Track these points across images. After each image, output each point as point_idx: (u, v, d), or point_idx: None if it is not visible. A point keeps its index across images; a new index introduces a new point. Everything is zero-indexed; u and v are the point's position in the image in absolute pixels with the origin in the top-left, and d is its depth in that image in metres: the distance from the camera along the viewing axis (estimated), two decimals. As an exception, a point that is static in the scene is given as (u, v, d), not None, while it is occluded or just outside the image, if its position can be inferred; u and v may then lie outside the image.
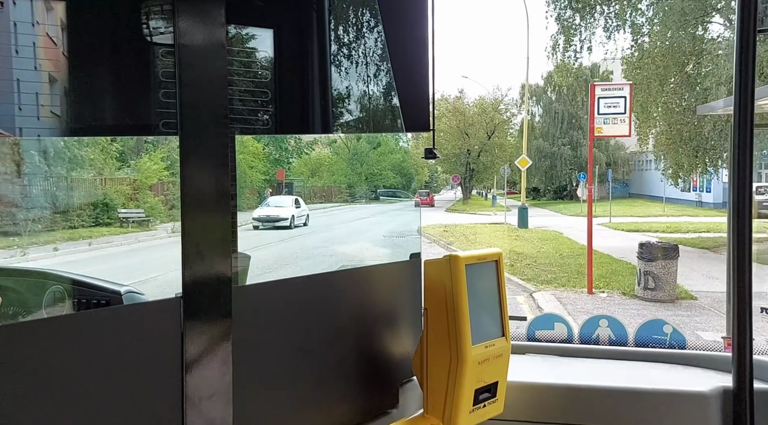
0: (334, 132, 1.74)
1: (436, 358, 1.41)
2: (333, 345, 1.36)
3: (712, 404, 1.66)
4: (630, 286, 10.37)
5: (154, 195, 9.95)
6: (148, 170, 9.49)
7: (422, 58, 1.56)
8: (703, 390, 1.68)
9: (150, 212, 9.49)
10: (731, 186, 1.61)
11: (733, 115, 1.59)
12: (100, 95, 1.38)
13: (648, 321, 1.98)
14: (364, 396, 1.45)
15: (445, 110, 36.90)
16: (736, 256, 1.61)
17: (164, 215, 9.82)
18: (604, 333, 2.00)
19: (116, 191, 9.27)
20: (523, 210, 20.59)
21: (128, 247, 8.53)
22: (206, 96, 1.06)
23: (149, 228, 9.30)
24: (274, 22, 1.53)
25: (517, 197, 36.24)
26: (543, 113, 38.27)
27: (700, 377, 1.82)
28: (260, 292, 1.23)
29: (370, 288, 1.47)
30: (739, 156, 1.59)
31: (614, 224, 21.15)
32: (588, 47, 17.78)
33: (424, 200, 33.52)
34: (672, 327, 1.94)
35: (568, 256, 14.01)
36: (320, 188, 24.97)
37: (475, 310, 1.40)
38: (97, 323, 0.96)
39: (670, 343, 1.96)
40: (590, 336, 2.03)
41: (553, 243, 16.31)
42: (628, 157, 36.51)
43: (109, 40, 1.35)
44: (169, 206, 10.05)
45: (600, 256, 13.14)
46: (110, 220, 8.63)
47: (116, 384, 0.96)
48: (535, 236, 18.00)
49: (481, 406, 1.44)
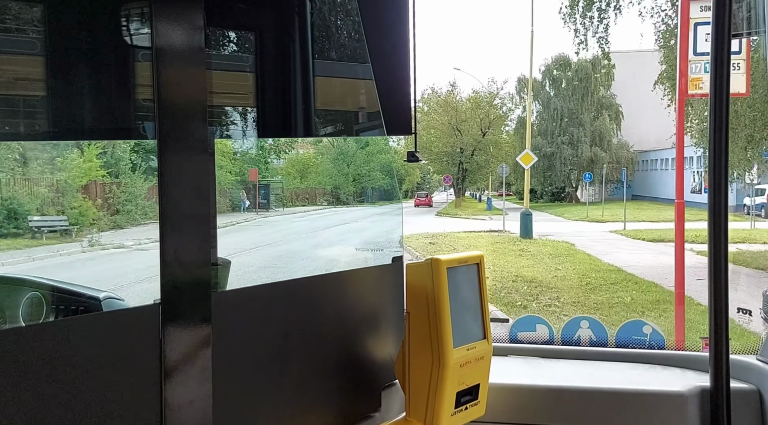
0: (317, 135, 1.84)
1: (418, 361, 1.48)
2: (315, 350, 1.41)
3: (690, 404, 1.76)
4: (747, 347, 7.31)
5: (86, 198, 8.70)
6: (78, 168, 8.20)
7: (403, 62, 1.63)
8: (681, 390, 1.78)
9: (78, 220, 8.25)
10: (709, 189, 1.74)
11: (709, 119, 1.72)
12: (77, 98, 1.41)
13: (628, 321, 2.09)
14: (347, 400, 1.50)
15: (436, 104, 35.90)
16: (713, 258, 1.74)
17: (103, 222, 8.64)
18: (585, 334, 2.10)
19: (33, 193, 7.95)
20: (527, 217, 17.94)
21: (28, 264, 7.07)
22: (185, 99, 1.09)
23: (74, 239, 8.08)
24: (256, 25, 1.58)
25: (512, 199, 36.10)
26: (541, 110, 35.85)
27: (679, 377, 1.92)
28: (240, 297, 1.27)
29: (352, 293, 1.53)
30: (715, 160, 1.72)
31: (631, 232, 18.18)
32: (616, 6, 13.17)
33: (423, 200, 35.74)
34: (651, 328, 2.04)
35: (599, 285, 10.28)
36: (303, 190, 24.90)
37: (457, 313, 1.47)
38: (76, 330, 0.99)
39: (649, 344, 2.07)
40: (571, 337, 2.13)
41: (569, 261, 13.00)
42: (632, 156, 36.46)
43: (86, 43, 1.38)
44: (112, 212, 8.95)
45: (643, 284, 9.81)
46: (18, 230, 7.44)
47: (95, 392, 0.99)
48: (544, 250, 14.99)
49: (463, 408, 1.52)
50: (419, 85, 15.87)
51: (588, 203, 29.05)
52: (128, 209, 9.70)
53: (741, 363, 1.86)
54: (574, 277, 11.10)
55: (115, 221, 9.52)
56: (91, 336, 0.99)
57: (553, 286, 10.40)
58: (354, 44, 1.73)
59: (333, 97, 1.83)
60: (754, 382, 1.81)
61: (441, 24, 76.33)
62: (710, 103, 1.70)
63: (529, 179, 21.99)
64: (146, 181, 10.17)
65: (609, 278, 10.70)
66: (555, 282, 10.64)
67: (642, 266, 11.26)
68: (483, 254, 1.61)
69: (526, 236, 17.35)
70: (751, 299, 7.90)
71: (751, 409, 1.77)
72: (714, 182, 1.70)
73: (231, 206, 13.43)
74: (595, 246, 14.60)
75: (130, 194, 9.74)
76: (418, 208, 34.42)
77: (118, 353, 1.02)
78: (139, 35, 1.41)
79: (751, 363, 1.85)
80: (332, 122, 1.89)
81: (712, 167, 1.71)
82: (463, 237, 17.58)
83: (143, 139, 1.41)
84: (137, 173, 10.16)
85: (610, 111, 36.55)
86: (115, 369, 1.01)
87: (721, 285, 1.71)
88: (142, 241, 9.22)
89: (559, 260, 13.08)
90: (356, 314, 1.54)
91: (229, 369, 1.19)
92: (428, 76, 50.24)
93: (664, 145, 31.46)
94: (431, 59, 59.40)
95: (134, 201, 9.87)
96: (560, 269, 12.00)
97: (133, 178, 9.95)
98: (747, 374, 1.85)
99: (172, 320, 1.07)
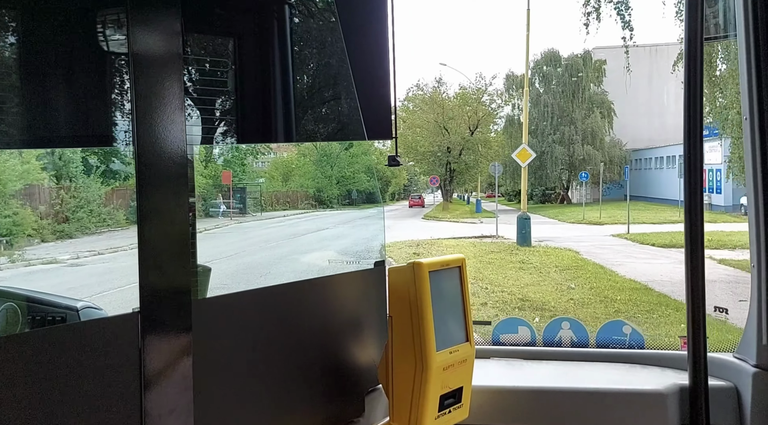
0: (298, 140, 1.91)
1: (401, 365, 1.54)
2: (297, 356, 1.45)
3: (669, 402, 1.85)
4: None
5: (24, 205, 7.88)
6: (12, 170, 7.36)
7: (383, 66, 1.69)
8: (660, 389, 1.87)
9: (10, 230, 7.42)
10: (684, 190, 1.86)
11: (683, 121, 1.84)
12: (53, 105, 1.43)
13: (608, 322, 2.19)
14: (330, 406, 1.55)
15: (422, 101, 35.70)
16: (689, 258, 1.86)
17: (48, 231, 7.83)
18: (566, 335, 2.19)
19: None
20: (525, 221, 16.23)
21: None
22: (162, 105, 1.12)
23: (1, 252, 7.35)
24: (235, 31, 1.62)
25: (501, 201, 35.83)
26: (531, 107, 37.59)
27: (659, 376, 2.01)
28: (221, 304, 1.30)
29: (334, 298, 1.58)
30: (690, 161, 1.84)
31: (636, 236, 16.74)
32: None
33: (417, 202, 39.72)
34: (631, 328, 2.15)
35: (631, 312, 8.18)
36: (284, 193, 24.81)
37: (440, 316, 1.54)
38: (53, 340, 1.01)
39: (629, 343, 2.16)
40: (553, 338, 2.22)
41: (581, 276, 11.11)
42: (624, 155, 36.82)
43: (63, 49, 1.41)
44: (60, 220, 8.23)
45: (676, 306, 8.03)
46: None
47: (73, 402, 1.01)
48: (548, 261, 13.12)
49: (447, 412, 1.58)
50: (404, 81, 15.49)
51: (584, 203, 29.01)
52: (79, 217, 9.04)
53: (718, 360, 1.96)
54: (594, 300, 9.14)
55: (63, 231, 8.79)
56: (69, 345, 1.01)
57: (571, 314, 8.01)
58: (333, 49, 1.81)
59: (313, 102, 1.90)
60: (732, 379, 1.92)
61: (426, 17, 76.44)
62: (684, 106, 1.82)
63: (526, 178, 20.24)
64: (104, 185, 9.48)
65: (638, 300, 9.00)
66: (573, 309, 8.70)
67: (669, 282, 9.55)
68: (464, 257, 1.69)
69: (524, 243, 15.79)
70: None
71: (728, 406, 1.88)
72: (689, 184, 1.82)
73: (204, 211, 12.83)
74: (603, 254, 13.27)
75: (82, 199, 9.09)
76: (408, 210, 36.41)
77: (96, 362, 1.04)
78: (116, 41, 1.46)
79: (728, 361, 1.96)
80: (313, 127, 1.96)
81: (688, 168, 1.83)
82: (452, 245, 16.14)
83: (120, 146, 1.46)
84: (93, 176, 9.43)
85: (601, 108, 36.78)
86: (94, 378, 1.03)
87: (698, 284, 1.83)
88: (82, 254, 8.50)
89: (568, 275, 11.32)
90: (339, 319, 1.59)
91: (210, 376, 1.22)
92: (413, 72, 50.32)
93: (657, 143, 31.88)
94: (416, 54, 59.37)
95: (87, 207, 9.22)
96: (573, 288, 10.14)
97: (87, 181, 9.25)
98: (724, 371, 1.95)
99: (152, 328, 1.09)
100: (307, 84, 1.84)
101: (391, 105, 1.75)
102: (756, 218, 1.84)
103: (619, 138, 36.65)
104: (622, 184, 36.52)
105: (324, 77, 1.87)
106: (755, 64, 1.79)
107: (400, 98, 35.84)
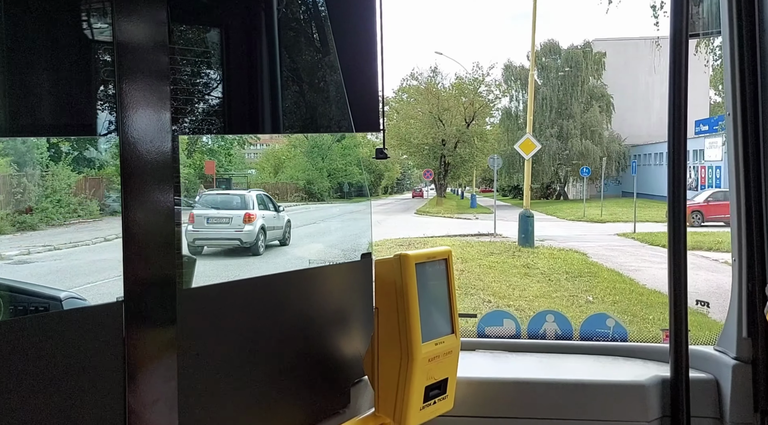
0: (285, 132, 1.95)
1: (386, 357, 1.59)
2: (283, 347, 1.50)
3: (651, 393, 1.94)
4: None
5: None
6: None
7: (371, 58, 1.74)
8: (642, 381, 1.96)
9: None
10: (668, 185, 1.93)
11: (668, 118, 1.91)
12: (35, 93, 1.45)
13: (592, 315, 2.29)
14: (315, 397, 1.61)
15: (416, 92, 35.39)
16: (672, 252, 1.93)
17: (5, 223, 7.20)
18: (550, 328, 2.29)
19: None
20: (528, 219, 15.30)
21: None
22: (148, 95, 1.14)
23: None
24: (222, 21, 1.66)
25: (492, 195, 35.60)
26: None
27: (641, 368, 2.11)
28: (206, 295, 1.34)
29: (320, 289, 1.64)
30: (674, 156, 1.91)
31: (645, 236, 15.64)
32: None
33: (418, 193, 47.17)
34: (615, 321, 2.26)
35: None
36: (273, 185, 24.73)
37: (426, 308, 1.59)
38: (35, 329, 1.03)
39: (612, 336, 2.27)
40: (537, 331, 2.32)
41: (596, 285, 10.05)
42: (624, 150, 36.85)
43: (47, 37, 1.43)
44: (21, 210, 7.77)
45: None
46: None
47: (56, 392, 1.03)
48: (556, 265, 12.07)
49: (432, 403, 1.64)
50: (398, 70, 15.23)
51: (585, 200, 28.88)
52: (43, 207, 8.59)
53: (699, 353, 2.06)
54: (622, 319, 7.00)
55: (25, 222, 8.31)
56: (50, 334, 1.02)
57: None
58: (321, 40, 1.85)
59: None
60: (712, 372, 2.01)
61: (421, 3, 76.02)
62: (668, 101, 1.89)
63: (529, 171, 19.21)
64: (75, 172, 9.06)
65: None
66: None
67: (697, 292, 8.03)
68: (450, 249, 1.74)
69: (526, 243, 14.85)
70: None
71: (708, 398, 1.96)
72: (673, 178, 1.89)
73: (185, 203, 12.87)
74: (614, 257, 12.26)
75: (48, 187, 8.69)
76: (400, 203, 38.71)
77: (79, 352, 1.06)
78: (101, 30, 1.49)
79: (708, 353, 2.05)
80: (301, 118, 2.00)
81: (672, 162, 1.90)
82: (447, 245, 12.83)
83: (104, 135, 1.49)
84: (62, 163, 8.99)
85: (600, 102, 36.83)
86: (77, 368, 1.05)
87: (681, 278, 1.90)
88: (34, 248, 7.97)
89: (581, 284, 10.21)
90: (325, 310, 1.64)
91: (195, 367, 1.25)
92: (408, 61, 50.07)
93: (656, 139, 31.97)
94: (410, 43, 58.93)
95: (55, 197, 8.80)
96: (593, 301, 9.04)
97: (54, 169, 8.82)
98: (705, 364, 2.04)
99: (136, 318, 1.11)
100: (294, 75, 1.88)
101: (378, 97, 1.78)
102: (737, 214, 1.91)
103: (618, 133, 36.66)
104: (620, 180, 36.42)
105: (312, 68, 1.91)
106: (738, 60, 1.86)
107: (393, 88, 35.62)
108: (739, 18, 1.86)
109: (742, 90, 1.86)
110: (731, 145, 1.91)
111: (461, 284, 10.12)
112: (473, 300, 9.25)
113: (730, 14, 1.88)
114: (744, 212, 1.89)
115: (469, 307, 8.59)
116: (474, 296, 9.60)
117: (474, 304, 9.01)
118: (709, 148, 22.52)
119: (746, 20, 1.84)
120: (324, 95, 1.91)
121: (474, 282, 10.44)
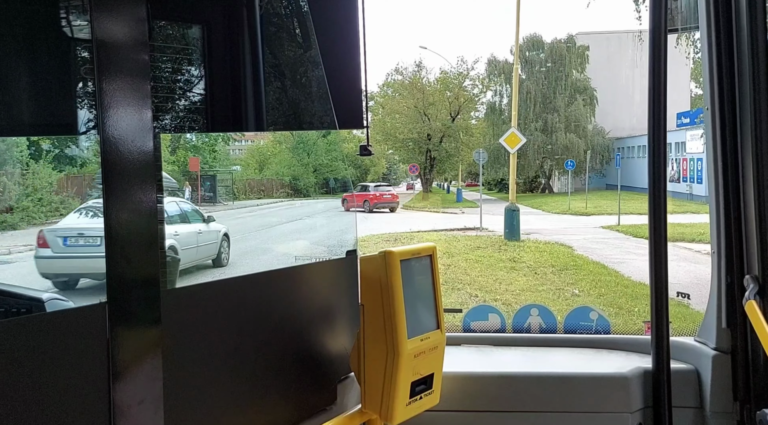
0: (268, 129, 1.94)
1: (372, 353, 1.61)
2: (269, 345, 1.51)
3: (633, 385, 1.98)
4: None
5: None
6: None
7: (353, 53, 1.74)
8: (624, 373, 2.00)
9: None
10: (648, 177, 1.96)
11: (647, 111, 1.93)
12: (14, 92, 1.45)
13: (575, 308, 2.33)
14: (302, 394, 1.62)
15: (401, 86, 35.18)
16: (653, 245, 1.96)
17: None
18: (535, 322, 2.33)
19: None
20: (513, 213, 15.41)
21: None
22: (128, 93, 1.13)
23: None
24: (203, 19, 1.65)
25: (477, 189, 35.69)
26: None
27: (623, 360, 2.15)
28: (191, 295, 1.34)
29: (306, 287, 1.64)
30: (654, 150, 1.94)
31: (628, 229, 15.92)
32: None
33: (410, 185, 49.85)
34: (598, 314, 2.30)
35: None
36: (258, 182, 24.62)
37: (411, 304, 1.61)
38: (19, 331, 1.02)
39: (596, 329, 2.31)
40: (522, 325, 2.35)
41: (582, 277, 10.15)
42: (607, 143, 37.11)
43: (25, 35, 1.42)
44: (1, 209, 7.62)
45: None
46: None
47: (41, 394, 1.03)
48: (542, 258, 12.18)
49: (418, 398, 1.66)
50: (383, 65, 15.09)
51: (570, 193, 29.10)
52: (24, 206, 8.54)
53: (680, 344, 2.10)
54: (608, 311, 7.91)
55: (6, 221, 8.28)
56: (35, 336, 1.03)
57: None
58: (304, 37, 1.84)
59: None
60: (693, 362, 2.05)
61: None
62: (648, 95, 1.91)
63: (515, 165, 19.37)
64: (56, 170, 9.00)
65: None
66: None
67: (679, 284, 8.29)
68: (435, 245, 1.75)
69: (512, 237, 14.97)
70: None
71: (689, 388, 2.01)
72: (653, 172, 1.92)
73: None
74: (599, 250, 12.34)
75: (29, 186, 8.64)
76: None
77: (63, 353, 1.05)
78: (80, 27, 1.47)
79: (689, 345, 2.09)
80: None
81: (651, 154, 1.93)
82: (433, 239, 14.92)
83: (85, 134, 1.47)
84: (42, 161, 8.95)
85: (584, 96, 37.10)
86: (61, 369, 1.05)
87: (662, 270, 1.93)
88: (15, 248, 7.84)
89: (567, 277, 10.33)
90: (310, 308, 1.65)
91: (180, 366, 1.26)
92: (392, 55, 50.07)
93: (638, 132, 32.22)
94: (395, 37, 58.98)
95: (36, 195, 8.72)
96: (578, 294, 9.22)
97: (35, 167, 8.76)
98: (686, 355, 2.08)
99: (120, 319, 1.11)
100: (276, 71, 1.87)
101: (362, 94, 1.78)
102: (716, 207, 1.94)
103: (602, 126, 36.91)
104: (604, 173, 36.73)
105: (294, 65, 1.90)
106: (716, 56, 1.88)
107: (378, 83, 35.64)
108: (716, 14, 1.88)
109: (720, 85, 1.89)
110: (710, 139, 1.94)
111: (447, 279, 10.16)
112: (460, 295, 9.33)
113: (707, 10, 1.90)
114: (723, 205, 1.92)
115: (456, 302, 8.63)
116: (461, 290, 9.67)
117: (461, 299, 9.04)
118: (690, 140, 22.70)
119: (723, 17, 1.87)
120: (306, 91, 1.91)
121: (460, 277, 10.52)
